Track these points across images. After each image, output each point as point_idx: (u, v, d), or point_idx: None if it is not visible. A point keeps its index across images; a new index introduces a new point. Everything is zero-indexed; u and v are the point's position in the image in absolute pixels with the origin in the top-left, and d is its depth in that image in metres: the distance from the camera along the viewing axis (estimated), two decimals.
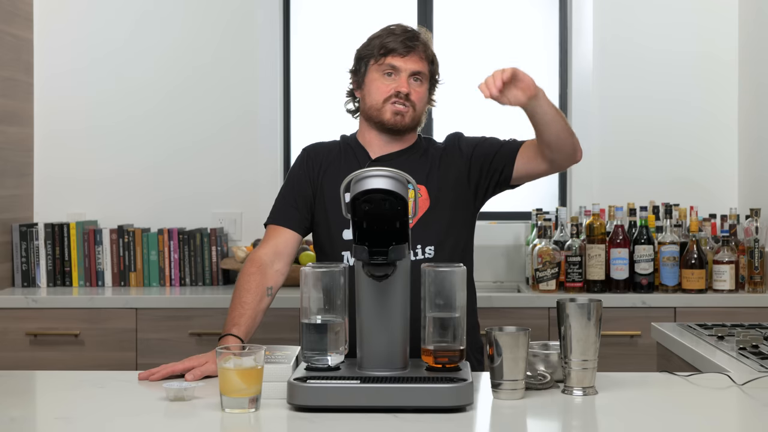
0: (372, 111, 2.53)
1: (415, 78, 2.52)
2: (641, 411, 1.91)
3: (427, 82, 2.56)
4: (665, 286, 3.73)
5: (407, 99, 2.50)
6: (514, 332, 1.96)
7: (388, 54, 2.51)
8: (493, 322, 3.25)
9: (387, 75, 2.51)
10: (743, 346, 2.43)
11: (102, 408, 1.95)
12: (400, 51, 2.50)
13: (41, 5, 4.26)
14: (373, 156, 2.55)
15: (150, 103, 4.28)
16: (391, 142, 2.57)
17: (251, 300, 2.39)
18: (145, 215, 4.23)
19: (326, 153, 2.59)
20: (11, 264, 4.01)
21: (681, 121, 4.23)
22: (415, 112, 2.53)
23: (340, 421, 1.81)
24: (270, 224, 2.55)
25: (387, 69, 2.51)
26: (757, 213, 3.79)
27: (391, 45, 2.51)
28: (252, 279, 2.42)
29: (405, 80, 2.50)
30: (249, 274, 2.44)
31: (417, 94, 2.52)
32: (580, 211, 3.99)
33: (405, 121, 2.52)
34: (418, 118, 2.56)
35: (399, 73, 2.50)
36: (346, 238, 2.48)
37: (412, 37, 2.53)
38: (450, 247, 2.49)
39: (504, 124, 4.38)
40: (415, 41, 2.53)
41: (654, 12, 4.23)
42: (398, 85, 2.50)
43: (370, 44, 2.55)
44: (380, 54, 2.51)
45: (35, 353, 3.68)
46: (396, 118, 2.50)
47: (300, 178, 2.57)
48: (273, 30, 4.29)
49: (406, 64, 2.51)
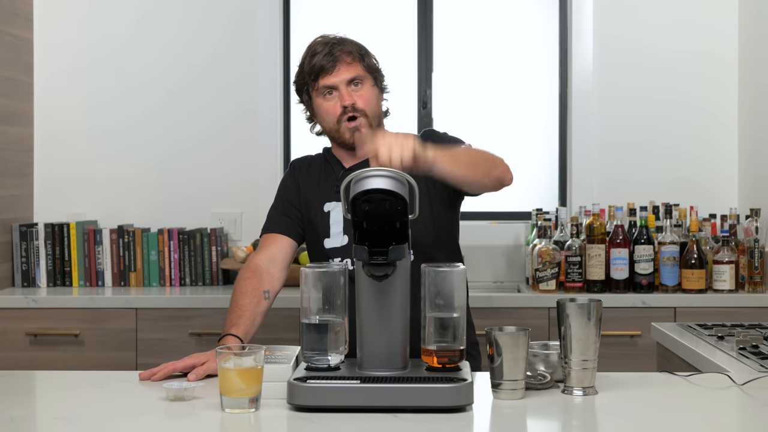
0: (332, 134, 2.52)
1: (354, 83, 2.48)
2: (641, 411, 1.91)
3: (368, 79, 2.51)
4: (665, 286, 3.73)
5: (355, 109, 2.47)
6: (514, 332, 1.96)
7: (319, 75, 2.48)
8: (493, 322, 3.25)
9: (328, 95, 2.48)
10: (743, 346, 2.43)
11: (102, 408, 1.95)
12: (327, 68, 2.47)
13: (41, 5, 4.26)
14: (347, 165, 2.54)
15: (150, 103, 4.28)
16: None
17: (248, 303, 2.40)
18: (145, 215, 4.23)
19: (309, 165, 2.61)
20: (11, 264, 4.01)
21: (681, 121, 4.23)
22: (369, 118, 2.49)
23: (340, 421, 1.81)
24: (264, 234, 2.58)
25: (325, 90, 2.48)
26: (757, 213, 3.79)
27: (318, 64, 2.47)
28: (248, 283, 2.43)
29: (345, 92, 2.47)
30: (245, 278, 2.45)
31: (362, 98, 2.48)
32: (580, 211, 3.99)
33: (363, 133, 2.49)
34: (375, 121, 2.52)
35: (337, 89, 2.48)
36: (328, 247, 2.50)
37: (332, 46, 2.49)
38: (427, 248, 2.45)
39: (504, 123, 4.39)
40: (336, 50, 2.48)
41: (654, 12, 4.23)
42: (341, 100, 2.47)
43: (301, 72, 2.53)
44: (312, 79, 2.49)
45: (35, 353, 3.69)
46: (356, 135, 2.48)
47: (289, 187, 2.59)
48: (273, 30, 4.29)
49: (339, 76, 2.47)
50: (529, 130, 4.40)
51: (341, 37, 2.53)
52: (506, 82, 4.38)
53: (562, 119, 4.34)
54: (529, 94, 4.40)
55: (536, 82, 4.40)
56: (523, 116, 4.40)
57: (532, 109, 4.40)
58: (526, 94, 4.40)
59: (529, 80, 4.40)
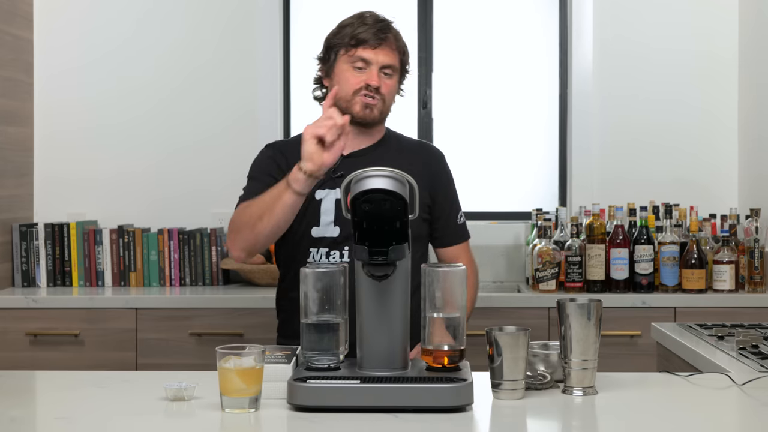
0: (341, 102, 2.47)
1: (386, 71, 2.48)
2: (641, 411, 1.91)
3: (397, 74, 2.52)
4: (665, 286, 3.73)
5: (377, 92, 2.47)
6: (514, 332, 1.96)
7: (359, 45, 2.46)
8: (493, 322, 3.24)
9: (357, 68, 2.47)
10: (743, 346, 2.43)
11: (102, 408, 1.95)
12: (371, 42, 2.45)
13: (41, 5, 4.26)
14: (345, 152, 2.49)
15: (150, 103, 4.28)
16: (359, 135, 2.54)
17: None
18: (145, 215, 4.23)
19: (292, 147, 2.47)
20: (11, 264, 4.01)
21: (681, 121, 4.23)
22: (384, 105, 2.50)
23: (340, 421, 1.81)
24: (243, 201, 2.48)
25: (357, 61, 2.46)
26: (757, 213, 3.79)
27: (363, 36, 2.45)
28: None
29: (376, 73, 2.46)
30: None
31: (387, 87, 2.49)
32: (580, 211, 3.99)
33: (374, 114, 2.49)
34: (387, 111, 2.54)
35: (369, 66, 2.46)
36: (315, 236, 2.47)
37: (384, 27, 2.48)
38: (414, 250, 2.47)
39: (504, 123, 4.39)
40: (387, 32, 2.48)
41: (654, 12, 4.23)
42: (368, 78, 2.46)
43: (341, 33, 2.50)
44: (351, 44, 2.46)
45: (35, 353, 3.68)
46: (365, 112, 2.48)
47: (269, 164, 2.52)
48: (273, 30, 4.29)
49: (377, 56, 2.46)
50: (529, 130, 4.40)
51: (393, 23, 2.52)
52: (506, 82, 4.38)
53: (562, 119, 4.34)
54: (529, 94, 4.40)
55: (536, 82, 4.40)
56: (523, 116, 4.40)
57: (532, 109, 4.40)
58: (526, 94, 4.39)
59: (529, 80, 4.39)
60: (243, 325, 3.65)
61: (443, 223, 2.63)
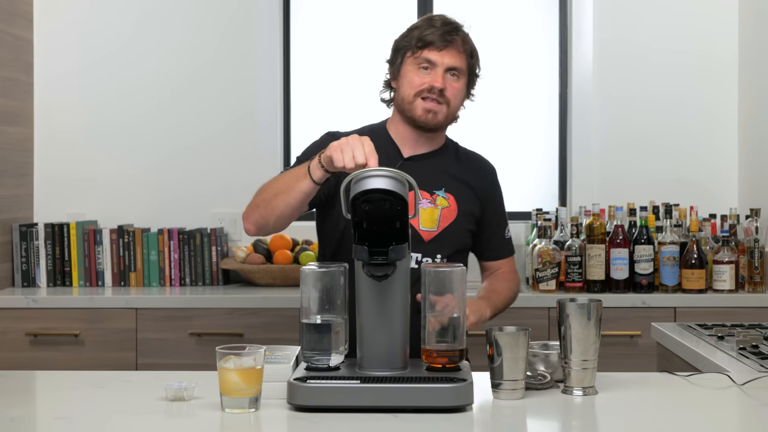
0: (404, 104, 2.47)
1: (452, 73, 2.46)
2: (641, 411, 1.91)
3: (464, 77, 2.49)
4: (665, 286, 3.73)
5: (441, 95, 2.44)
6: (514, 332, 1.96)
7: (425, 47, 2.44)
8: (493, 322, 3.23)
9: (423, 69, 2.45)
10: (743, 346, 2.43)
11: (102, 408, 1.95)
12: (437, 44, 2.44)
13: (41, 5, 4.26)
14: (405, 154, 2.51)
15: (150, 104, 4.28)
16: (420, 140, 2.52)
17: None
18: (145, 215, 4.23)
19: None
20: (11, 264, 4.01)
21: (681, 121, 4.23)
22: (449, 109, 2.47)
23: (340, 421, 1.81)
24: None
25: (423, 63, 2.45)
26: (757, 213, 3.79)
27: (429, 38, 2.44)
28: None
29: (441, 75, 2.44)
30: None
31: (452, 90, 2.46)
32: (580, 211, 3.99)
33: (438, 119, 2.46)
34: (452, 116, 2.50)
35: (435, 68, 2.44)
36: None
37: (451, 30, 2.47)
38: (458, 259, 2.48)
39: (504, 123, 4.39)
40: (454, 34, 2.47)
41: (654, 12, 4.23)
42: (432, 80, 2.44)
43: (409, 35, 2.49)
44: (417, 47, 2.45)
45: (35, 353, 3.68)
46: (427, 116, 2.45)
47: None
48: (273, 30, 4.29)
49: (442, 58, 2.45)
50: (529, 130, 4.40)
51: (463, 26, 2.51)
52: (506, 82, 4.38)
53: (562, 119, 4.34)
54: (529, 94, 4.40)
55: (536, 82, 4.40)
56: (523, 116, 4.40)
57: (532, 110, 4.40)
58: (526, 94, 4.39)
59: (529, 80, 4.39)
60: (243, 325, 3.65)
61: (491, 236, 2.62)
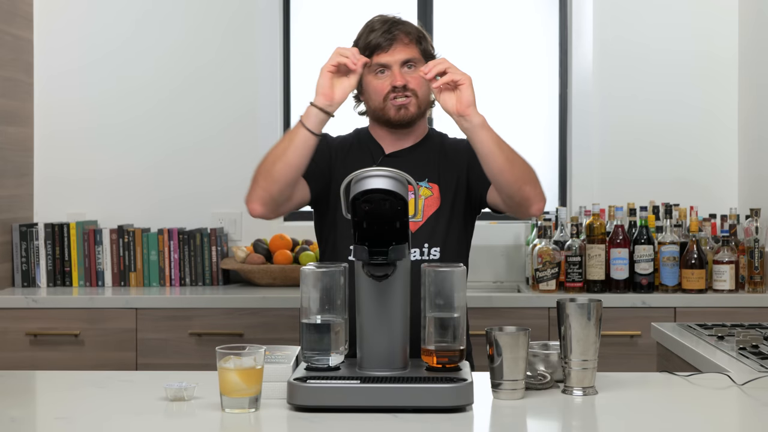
0: (377, 112, 2.50)
1: (408, 65, 2.47)
2: (641, 411, 1.91)
3: (421, 63, 2.47)
4: (665, 286, 3.73)
5: (406, 89, 2.46)
6: (514, 332, 1.96)
7: (374, 52, 2.46)
8: (493, 322, 3.25)
9: (380, 73, 2.47)
10: (743, 346, 2.43)
11: (102, 408, 1.95)
12: (383, 46, 2.45)
13: (41, 5, 4.26)
14: (388, 151, 2.52)
15: (150, 103, 4.28)
16: (401, 138, 2.54)
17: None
18: (145, 215, 4.23)
19: (341, 143, 2.55)
20: (11, 264, 4.01)
21: (681, 121, 4.23)
22: (419, 99, 2.48)
23: (340, 421, 1.81)
24: None
25: (377, 68, 2.46)
26: (757, 213, 3.79)
27: (374, 42, 2.45)
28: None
29: (398, 73, 2.45)
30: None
31: (414, 81, 2.46)
32: (580, 211, 3.99)
33: (411, 111, 2.47)
34: (424, 105, 2.51)
35: (389, 68, 2.46)
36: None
37: (391, 26, 2.47)
38: (454, 249, 2.48)
39: (504, 123, 4.39)
40: (395, 30, 2.47)
41: (654, 12, 4.23)
42: (392, 80, 2.45)
43: (356, 47, 2.50)
44: (367, 55, 2.45)
45: (35, 353, 3.68)
46: (400, 113, 2.47)
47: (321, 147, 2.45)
48: (273, 30, 4.29)
49: (393, 56, 2.46)
50: (529, 130, 4.40)
51: (401, 18, 2.51)
52: (506, 82, 4.38)
53: (562, 119, 4.34)
54: (529, 94, 4.40)
55: (536, 82, 4.40)
56: (523, 116, 4.40)
57: (532, 109, 4.40)
58: (526, 94, 4.39)
59: (529, 80, 4.39)
60: (243, 325, 3.64)
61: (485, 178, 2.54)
